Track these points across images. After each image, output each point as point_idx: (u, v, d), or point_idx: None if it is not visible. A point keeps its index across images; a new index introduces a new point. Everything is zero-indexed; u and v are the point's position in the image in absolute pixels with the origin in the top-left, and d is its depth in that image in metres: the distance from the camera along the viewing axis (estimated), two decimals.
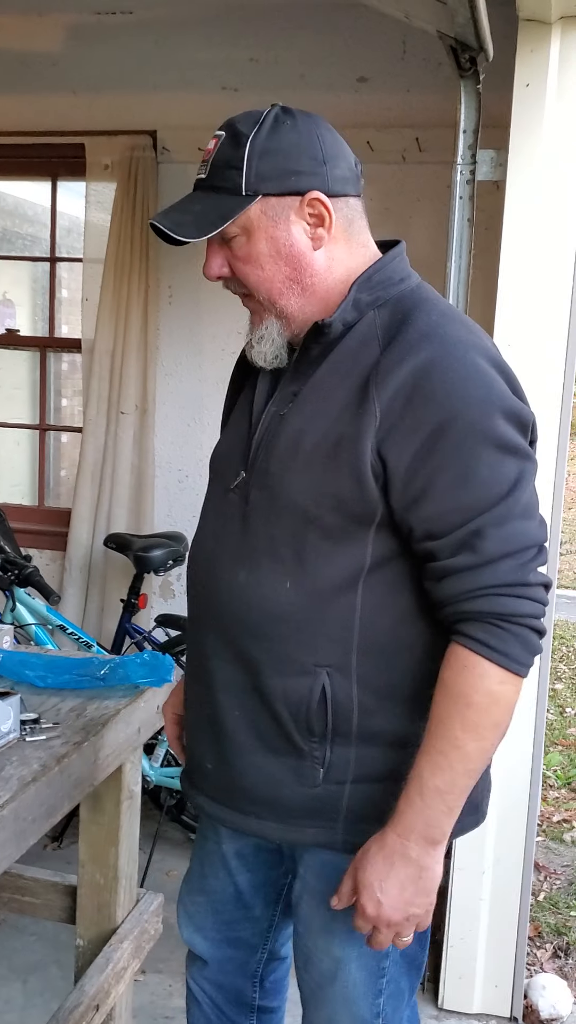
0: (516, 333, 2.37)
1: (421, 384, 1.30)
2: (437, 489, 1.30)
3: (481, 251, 2.54)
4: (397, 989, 1.50)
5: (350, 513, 1.34)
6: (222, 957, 1.71)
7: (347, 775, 1.40)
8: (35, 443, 4.33)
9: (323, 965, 1.50)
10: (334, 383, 1.37)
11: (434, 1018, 2.58)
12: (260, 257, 1.38)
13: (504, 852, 2.50)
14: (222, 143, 1.37)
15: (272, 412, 1.44)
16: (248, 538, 1.42)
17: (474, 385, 1.31)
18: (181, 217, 1.37)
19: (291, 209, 1.37)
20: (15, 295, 8.03)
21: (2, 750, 1.55)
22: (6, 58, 3.73)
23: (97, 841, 1.93)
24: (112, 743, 1.72)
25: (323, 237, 1.39)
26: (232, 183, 1.35)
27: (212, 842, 1.66)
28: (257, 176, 1.34)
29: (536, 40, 2.29)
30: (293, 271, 1.39)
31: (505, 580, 1.29)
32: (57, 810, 1.53)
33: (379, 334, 1.37)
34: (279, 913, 1.69)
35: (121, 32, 3.58)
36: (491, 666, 1.29)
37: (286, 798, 1.42)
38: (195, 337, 3.72)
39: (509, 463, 1.31)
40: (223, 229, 1.35)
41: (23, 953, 2.76)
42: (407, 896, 1.33)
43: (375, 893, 1.33)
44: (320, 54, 3.41)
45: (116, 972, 1.86)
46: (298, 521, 1.37)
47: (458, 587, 1.31)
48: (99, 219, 3.71)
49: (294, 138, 1.37)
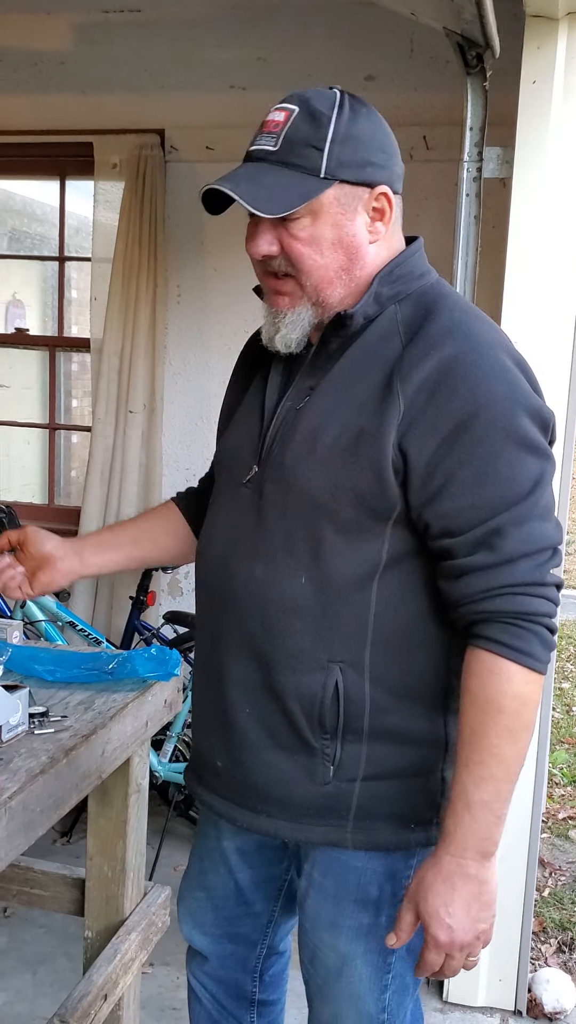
0: (522, 331, 2.37)
1: (445, 379, 1.29)
2: (456, 485, 1.29)
3: (488, 249, 2.55)
4: (402, 984, 1.50)
5: (368, 508, 1.33)
6: (222, 952, 1.70)
7: (358, 772, 1.40)
8: (45, 442, 4.35)
9: (329, 961, 1.50)
10: (353, 377, 1.36)
11: (439, 1011, 2.60)
12: (322, 242, 1.34)
13: (509, 848, 2.51)
14: (296, 118, 1.32)
15: (287, 407, 1.43)
16: (263, 533, 1.41)
17: (498, 382, 1.30)
18: (254, 189, 1.30)
19: (360, 200, 1.35)
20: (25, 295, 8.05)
21: (11, 742, 1.56)
22: (15, 57, 3.74)
23: (105, 834, 1.95)
24: (120, 736, 1.74)
25: (380, 232, 1.38)
26: (311, 163, 1.31)
27: (212, 838, 1.66)
28: (338, 161, 1.31)
29: (543, 36, 2.30)
30: (348, 261, 1.36)
31: (523, 579, 1.28)
32: (65, 802, 1.54)
33: (400, 329, 1.36)
34: (279, 908, 1.69)
35: (129, 31, 3.59)
36: (517, 668, 1.29)
37: (297, 796, 1.42)
38: (203, 336, 3.73)
39: (531, 462, 1.30)
40: (292, 211, 1.31)
41: (33, 945, 2.79)
42: (474, 914, 1.32)
43: (444, 919, 1.31)
44: (328, 53, 3.42)
45: (124, 963, 1.88)
46: (315, 515, 1.35)
47: (476, 586, 1.30)
48: (107, 218, 3.73)
49: (370, 128, 1.35)
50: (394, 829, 1.42)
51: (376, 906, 1.45)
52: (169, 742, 3.30)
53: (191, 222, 3.66)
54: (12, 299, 7.80)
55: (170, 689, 1.93)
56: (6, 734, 1.56)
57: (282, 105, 1.35)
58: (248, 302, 1.58)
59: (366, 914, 1.45)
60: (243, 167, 1.35)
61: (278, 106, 1.35)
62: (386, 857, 1.44)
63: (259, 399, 1.49)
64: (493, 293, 2.52)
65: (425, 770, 1.42)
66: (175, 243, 3.69)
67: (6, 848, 1.37)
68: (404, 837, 1.42)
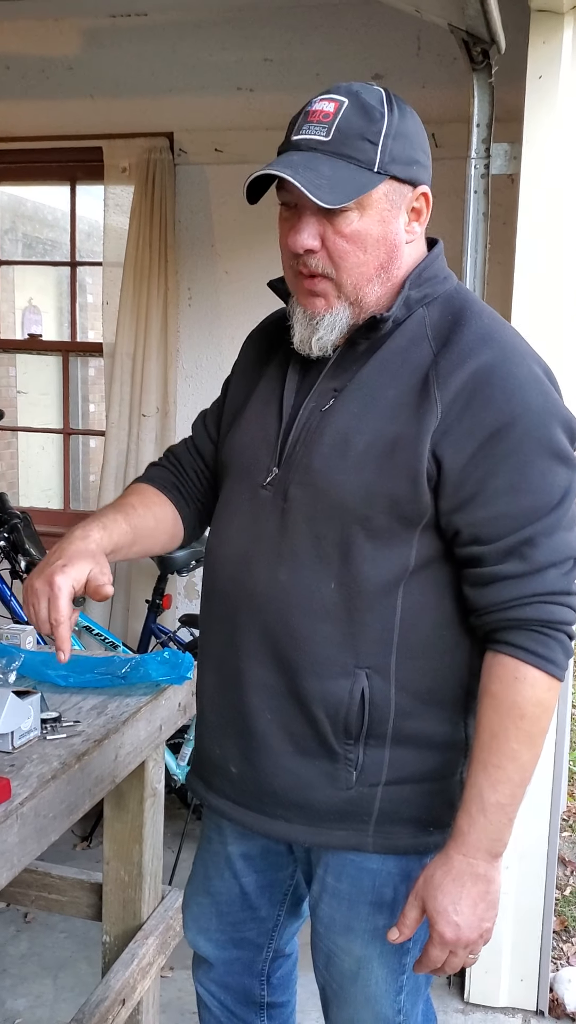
0: (533, 327, 2.36)
1: (482, 387, 1.29)
2: (489, 493, 1.29)
3: (499, 246, 2.54)
4: (415, 985, 1.50)
5: (401, 514, 1.32)
6: (228, 958, 1.69)
7: (380, 777, 1.39)
8: (61, 447, 4.37)
9: (345, 965, 1.49)
10: (383, 382, 1.35)
11: (460, 1012, 2.58)
12: (367, 238, 1.32)
13: (528, 847, 2.50)
14: (347, 110, 1.29)
15: (311, 408, 1.40)
16: (288, 536, 1.39)
17: (533, 392, 1.30)
18: (313, 178, 1.26)
19: (404, 198, 1.34)
20: (41, 301, 8.11)
21: (23, 748, 1.57)
22: (23, 64, 3.76)
23: (121, 838, 1.95)
24: (133, 740, 1.74)
25: (415, 233, 1.38)
26: (365, 156, 1.29)
27: (217, 843, 1.64)
28: (391, 157, 1.30)
29: (548, 31, 2.28)
30: (388, 260, 1.35)
31: (552, 588, 1.29)
32: (78, 807, 1.54)
33: (429, 334, 1.35)
34: (284, 912, 1.68)
35: (136, 35, 3.60)
36: (540, 675, 1.29)
37: (317, 801, 1.41)
38: (215, 339, 3.74)
39: (561, 473, 1.30)
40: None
41: (53, 950, 2.79)
42: (480, 912, 1.32)
43: (451, 917, 1.32)
44: (334, 52, 3.41)
45: (142, 967, 1.88)
46: (346, 521, 1.34)
47: (506, 594, 1.30)
48: (118, 222, 3.74)
49: (415, 128, 1.35)
50: (413, 832, 1.42)
51: (391, 908, 1.44)
52: (187, 745, 3.30)
53: (201, 225, 3.67)
54: (28, 305, 7.86)
55: (184, 692, 1.93)
56: (18, 740, 1.56)
57: (330, 96, 1.31)
58: (260, 304, 1.57)
59: (381, 916, 1.45)
60: (296, 155, 1.30)
61: (325, 96, 1.32)
62: (401, 859, 1.43)
63: (275, 397, 1.47)
64: (503, 290, 2.50)
65: (446, 773, 1.42)
66: (186, 246, 3.70)
67: (19, 854, 1.38)
68: (423, 840, 1.42)
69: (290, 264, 1.38)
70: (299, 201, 1.31)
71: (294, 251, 1.34)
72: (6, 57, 3.78)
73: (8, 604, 3.45)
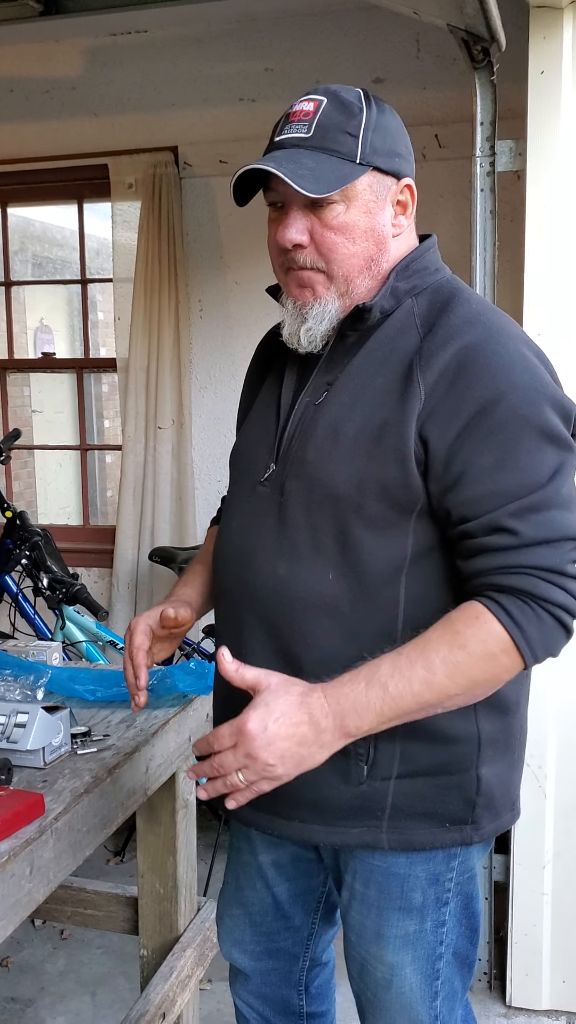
0: (544, 322, 2.35)
1: (465, 367, 1.28)
2: (476, 472, 1.27)
3: (507, 243, 2.53)
4: (451, 990, 1.48)
5: (394, 500, 1.32)
6: (264, 969, 1.68)
7: (392, 771, 1.38)
8: (78, 464, 4.39)
9: (378, 973, 1.48)
10: (372, 371, 1.36)
11: (503, 1016, 2.56)
12: (355, 229, 1.34)
13: (565, 846, 2.48)
14: (327, 107, 1.34)
15: (305, 403, 1.42)
16: (286, 530, 1.39)
17: (519, 370, 1.29)
18: (296, 168, 1.30)
19: (388, 190, 1.37)
20: (52, 320, 8.17)
21: (54, 764, 1.57)
22: (27, 86, 3.79)
23: (155, 851, 1.96)
24: (163, 752, 1.74)
25: (402, 225, 1.40)
26: (347, 148, 1.32)
27: (247, 854, 1.63)
28: (372, 148, 1.33)
29: (548, 26, 2.28)
30: (377, 251, 1.37)
31: (542, 564, 1.25)
32: (111, 821, 1.55)
33: (418, 322, 1.36)
34: (319, 920, 1.67)
35: (137, 52, 3.63)
36: (503, 633, 1.24)
37: (331, 798, 1.40)
38: (227, 348, 3.75)
39: (550, 452, 1.28)
40: (331, 194, 1.31)
41: (90, 966, 2.79)
42: (288, 748, 1.23)
43: (268, 720, 1.23)
44: (334, 58, 3.42)
45: (180, 980, 1.88)
46: (341, 510, 1.34)
47: (492, 563, 1.27)
48: (126, 238, 3.76)
49: (394, 123, 1.39)
50: (429, 828, 1.40)
51: (420, 912, 1.43)
52: None
53: (209, 237, 3.68)
54: (40, 325, 7.92)
55: (211, 703, 1.93)
56: (49, 755, 1.57)
57: (309, 96, 1.36)
58: (270, 312, 1.57)
59: (411, 921, 1.44)
60: (279, 152, 1.34)
61: (305, 97, 1.36)
62: (427, 861, 1.42)
63: (274, 398, 1.49)
64: (513, 287, 2.50)
65: (459, 767, 1.39)
66: (194, 258, 3.71)
67: (54, 869, 1.38)
68: (440, 837, 1.40)
69: (280, 262, 1.40)
70: (285, 198, 1.35)
71: (283, 246, 1.36)
72: (9, 80, 3.81)
73: (32, 622, 3.47)
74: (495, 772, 1.41)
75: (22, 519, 3.46)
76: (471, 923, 1.48)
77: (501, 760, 1.42)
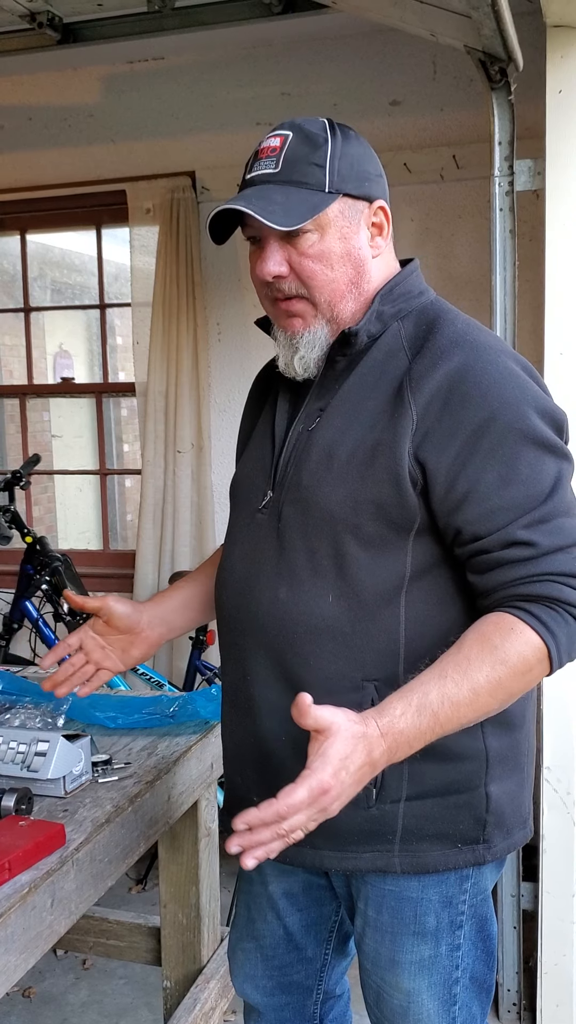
0: (566, 341, 2.34)
1: (456, 388, 1.30)
2: (482, 490, 1.29)
3: (527, 263, 2.52)
4: (469, 1015, 1.45)
5: (389, 520, 1.33)
6: (277, 1004, 1.65)
7: (401, 792, 1.37)
8: (98, 488, 4.39)
9: (394, 1000, 1.45)
10: (363, 395, 1.38)
11: None
12: (331, 256, 1.37)
13: None
14: (292, 142, 1.37)
15: (299, 429, 1.44)
16: (285, 554, 1.40)
17: (508, 386, 1.32)
18: (266, 205, 1.34)
19: (361, 214, 1.40)
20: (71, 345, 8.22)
21: (75, 792, 1.55)
22: (45, 114, 3.83)
23: (177, 881, 1.93)
24: (185, 780, 1.72)
25: (380, 247, 1.43)
26: (315, 179, 1.36)
27: (258, 884, 1.61)
28: (339, 176, 1.36)
29: (566, 46, 2.28)
30: (356, 275, 1.40)
31: (562, 570, 1.27)
32: (133, 850, 1.52)
33: (405, 345, 1.38)
34: (331, 951, 1.64)
35: (154, 78, 3.65)
36: (538, 641, 1.24)
37: (341, 823, 1.35)
38: (246, 372, 3.74)
39: (548, 461, 1.31)
40: (303, 225, 1.34)
41: (113, 997, 2.76)
42: (351, 793, 1.20)
43: (344, 767, 1.17)
44: (351, 82, 3.43)
45: (204, 1012, 1.85)
46: (338, 531, 1.35)
47: (514, 574, 1.28)
48: (144, 263, 3.77)
49: (360, 148, 1.41)
50: (441, 850, 1.38)
51: (435, 936, 1.41)
52: None
53: (227, 260, 3.69)
54: (59, 350, 7.96)
55: None
56: (70, 784, 1.55)
57: (276, 132, 1.40)
58: None
59: (426, 946, 1.41)
60: (249, 189, 1.38)
61: (272, 133, 1.40)
62: (440, 884, 1.39)
63: (269, 427, 1.51)
64: (534, 306, 2.48)
65: (467, 785, 1.38)
66: (212, 282, 3.72)
67: (76, 901, 1.36)
68: (452, 858, 1.38)
69: (265, 294, 1.44)
70: (261, 233, 1.39)
71: (264, 279, 1.40)
72: (28, 108, 3.85)
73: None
74: (504, 789, 1.40)
75: (42, 544, 3.46)
76: (487, 946, 1.46)
77: (510, 777, 1.41)
